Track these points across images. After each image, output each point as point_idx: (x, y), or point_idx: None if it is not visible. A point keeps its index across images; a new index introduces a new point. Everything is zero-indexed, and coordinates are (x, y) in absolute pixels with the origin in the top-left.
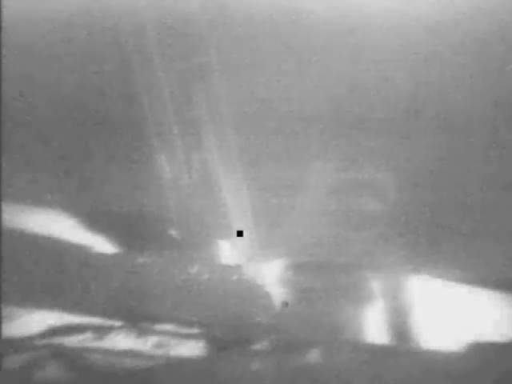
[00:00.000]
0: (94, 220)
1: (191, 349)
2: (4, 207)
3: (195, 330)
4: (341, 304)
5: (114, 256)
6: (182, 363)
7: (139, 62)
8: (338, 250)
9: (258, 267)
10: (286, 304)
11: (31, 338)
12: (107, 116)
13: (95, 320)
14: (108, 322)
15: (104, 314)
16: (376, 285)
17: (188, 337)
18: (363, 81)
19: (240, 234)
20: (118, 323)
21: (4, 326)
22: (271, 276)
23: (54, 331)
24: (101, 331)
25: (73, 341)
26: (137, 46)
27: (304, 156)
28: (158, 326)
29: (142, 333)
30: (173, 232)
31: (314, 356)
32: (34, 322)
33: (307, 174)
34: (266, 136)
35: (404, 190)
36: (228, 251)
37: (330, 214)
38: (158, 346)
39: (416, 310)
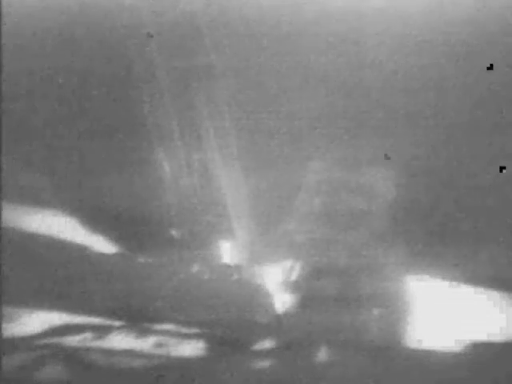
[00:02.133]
0: (94, 220)
1: (191, 349)
2: (4, 207)
3: (195, 330)
4: (341, 304)
5: (113, 256)
6: (181, 363)
7: (139, 62)
8: (339, 251)
9: (258, 267)
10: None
11: (31, 338)
12: (107, 116)
13: (95, 320)
14: (108, 322)
15: (104, 313)
16: (375, 285)
17: (188, 337)
18: (363, 81)
19: None
20: (117, 323)
21: (4, 326)
22: (271, 276)
23: (54, 331)
24: (101, 331)
25: (73, 341)
26: (137, 46)
27: (304, 156)
28: (158, 326)
29: (142, 333)
30: (173, 232)
31: (313, 356)
32: (34, 321)
33: (307, 175)
34: (266, 136)
35: (403, 190)
36: (228, 251)
37: (330, 214)
38: (158, 345)
39: (415, 310)
